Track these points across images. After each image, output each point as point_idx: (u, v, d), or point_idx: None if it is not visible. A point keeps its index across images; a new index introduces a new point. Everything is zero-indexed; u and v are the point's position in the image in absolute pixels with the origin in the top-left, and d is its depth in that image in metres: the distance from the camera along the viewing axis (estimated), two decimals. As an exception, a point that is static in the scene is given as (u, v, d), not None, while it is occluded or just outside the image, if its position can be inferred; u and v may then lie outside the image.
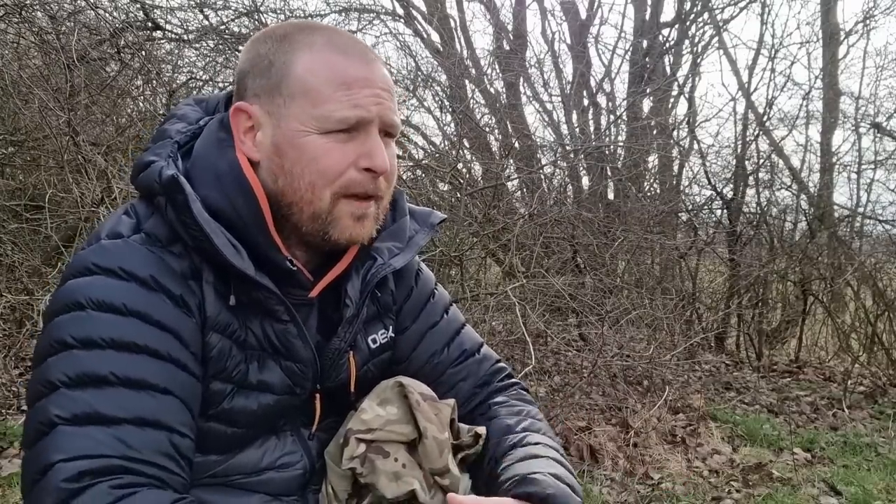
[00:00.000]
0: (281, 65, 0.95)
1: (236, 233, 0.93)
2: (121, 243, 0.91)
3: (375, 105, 0.94)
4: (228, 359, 0.95)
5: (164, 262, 0.91)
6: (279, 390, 1.00)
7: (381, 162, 0.94)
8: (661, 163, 7.30)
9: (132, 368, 0.85)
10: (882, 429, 4.31)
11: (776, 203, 7.03)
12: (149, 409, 0.84)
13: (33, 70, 4.00)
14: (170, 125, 1.03)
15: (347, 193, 0.95)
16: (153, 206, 0.95)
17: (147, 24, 4.74)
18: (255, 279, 0.92)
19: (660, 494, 3.15)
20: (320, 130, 0.93)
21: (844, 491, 3.28)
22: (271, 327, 0.98)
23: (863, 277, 5.88)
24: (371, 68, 0.96)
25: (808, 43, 7.26)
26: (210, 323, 0.93)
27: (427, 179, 5.19)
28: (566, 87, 7.59)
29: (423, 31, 7.48)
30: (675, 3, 7.68)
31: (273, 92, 0.95)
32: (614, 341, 4.27)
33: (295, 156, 0.94)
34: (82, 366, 0.83)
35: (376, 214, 1.00)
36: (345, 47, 0.96)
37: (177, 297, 0.90)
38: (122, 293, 0.87)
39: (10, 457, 3.09)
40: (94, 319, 0.86)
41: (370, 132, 0.95)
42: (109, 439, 0.81)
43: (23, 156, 4.27)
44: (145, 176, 0.95)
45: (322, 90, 0.93)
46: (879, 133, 6.73)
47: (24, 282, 3.56)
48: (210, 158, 0.97)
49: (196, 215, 0.89)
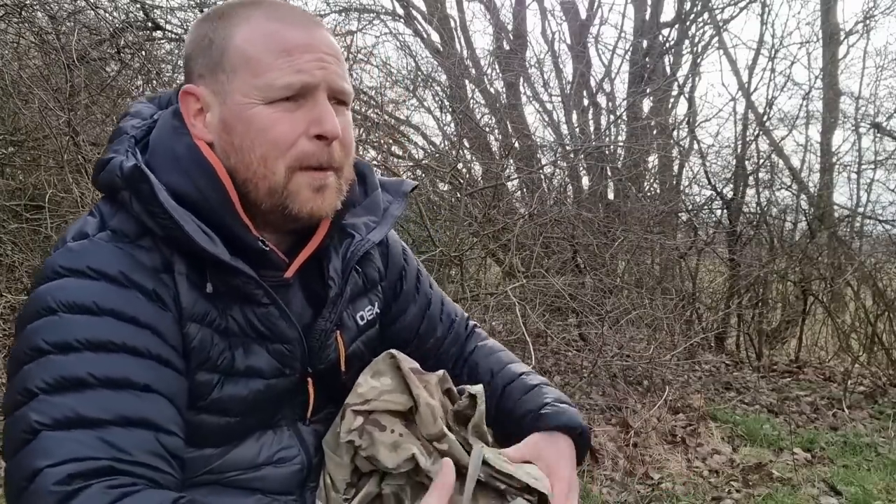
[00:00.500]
0: (221, 41, 0.94)
1: (203, 217, 0.91)
2: (86, 243, 0.90)
3: (319, 69, 0.92)
4: (211, 348, 0.93)
5: (134, 257, 0.89)
6: (268, 374, 0.98)
7: (331, 127, 0.92)
8: (661, 163, 7.29)
9: (111, 368, 0.83)
10: (882, 429, 4.31)
11: (776, 203, 7.04)
12: (132, 408, 0.82)
13: (33, 70, 4.00)
14: (124, 122, 1.02)
15: (302, 166, 0.93)
16: (117, 202, 0.93)
17: (147, 24, 4.74)
18: (230, 264, 0.90)
19: (660, 494, 3.15)
20: (265, 100, 0.91)
21: (844, 491, 3.28)
22: (252, 312, 0.96)
23: (863, 277, 5.88)
24: (312, 33, 0.94)
25: (808, 43, 7.26)
26: (186, 314, 0.91)
27: (427, 179, 5.18)
28: (566, 87, 7.59)
29: (423, 31, 7.48)
30: (675, 3, 7.69)
31: (216, 69, 0.94)
32: (614, 341, 4.27)
33: (243, 130, 0.92)
34: (60, 370, 0.81)
35: (338, 186, 0.97)
36: (283, 16, 0.94)
37: (150, 291, 0.88)
38: (93, 292, 0.85)
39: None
40: (67, 322, 0.83)
41: (318, 98, 0.92)
42: (95, 441, 0.79)
43: (23, 156, 4.27)
44: (106, 173, 0.93)
45: (262, 59, 0.91)
46: (879, 133, 6.73)
47: (24, 282, 3.56)
48: (167, 144, 0.95)
49: (164, 203, 0.87)
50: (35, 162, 4.19)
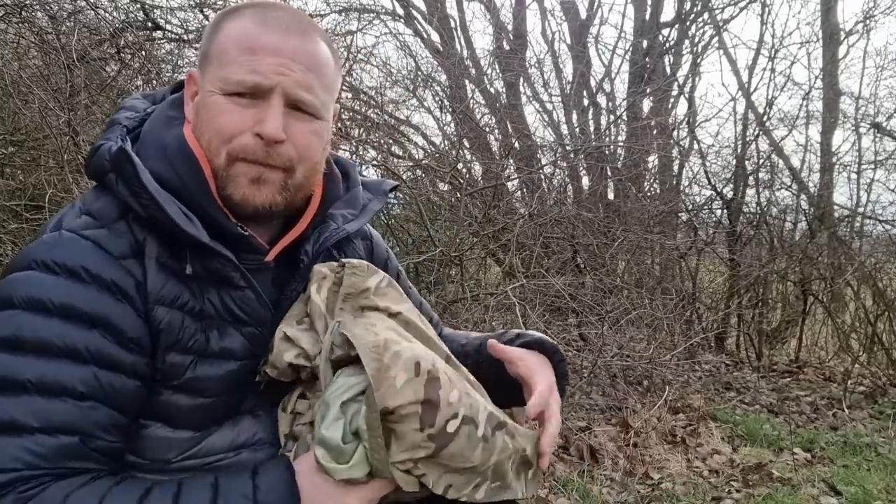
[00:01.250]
0: (214, 33, 1.01)
1: (184, 202, 0.94)
2: (56, 235, 0.92)
3: (277, 74, 0.95)
4: (181, 330, 0.95)
5: (99, 247, 0.92)
6: (241, 355, 1.01)
7: (269, 129, 0.94)
8: (661, 163, 7.29)
9: (50, 373, 0.85)
10: (882, 429, 4.32)
11: (776, 203, 7.04)
12: (62, 415, 0.84)
13: (33, 70, 4.00)
14: (118, 114, 1.06)
15: (240, 157, 0.96)
16: (103, 187, 0.98)
17: (147, 24, 4.74)
18: (209, 245, 0.93)
19: (660, 494, 3.15)
20: (222, 91, 0.96)
21: (844, 491, 3.28)
22: (229, 295, 0.99)
23: (863, 277, 5.88)
24: (287, 40, 0.97)
25: (808, 43, 7.27)
26: (153, 298, 0.93)
27: (427, 179, 5.19)
28: (566, 87, 7.59)
29: (423, 31, 7.47)
30: (675, 3, 7.69)
31: (204, 58, 1.02)
32: (614, 341, 4.27)
33: (203, 114, 0.98)
34: (4, 370, 0.84)
35: (282, 183, 0.99)
36: (268, 20, 0.98)
37: (109, 283, 0.90)
38: (50, 288, 0.87)
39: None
40: (20, 319, 0.86)
41: (270, 101, 0.96)
42: (20, 450, 0.81)
43: (23, 156, 4.27)
44: (96, 158, 0.97)
45: (230, 53, 0.97)
46: (879, 133, 6.73)
47: (24, 282, 3.56)
48: (157, 133, 1.01)
49: (146, 184, 0.92)
50: (35, 162, 4.19)
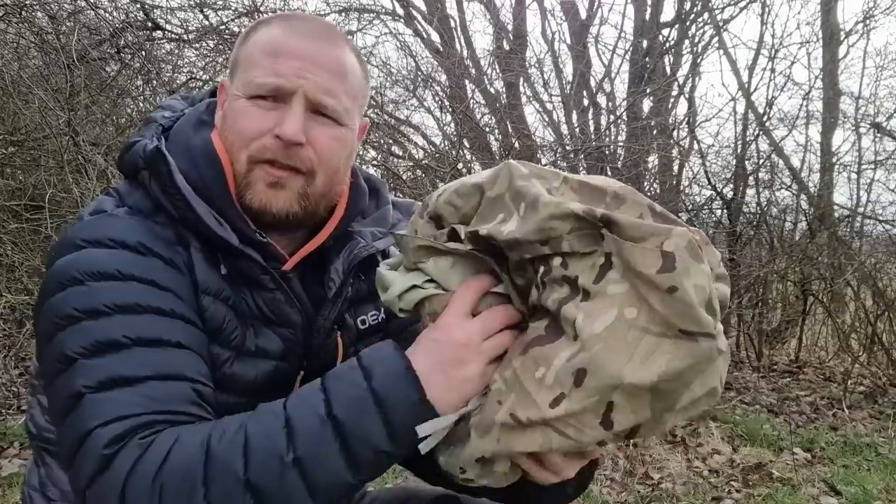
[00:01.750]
0: (243, 42, 1.02)
1: (210, 204, 0.96)
2: (104, 216, 0.94)
3: (299, 77, 0.95)
4: (225, 323, 0.96)
5: (151, 229, 0.94)
6: (276, 356, 1.01)
7: (287, 129, 0.94)
8: (661, 163, 7.29)
9: (142, 328, 0.86)
10: (882, 429, 4.31)
11: (776, 203, 7.03)
12: (167, 363, 0.85)
13: (33, 70, 4.00)
14: (156, 113, 1.08)
15: (260, 159, 0.96)
16: (136, 182, 0.99)
17: (147, 24, 4.74)
18: (238, 247, 0.95)
19: (660, 494, 3.15)
20: (246, 95, 0.97)
21: (844, 491, 3.28)
22: (261, 297, 1.00)
23: (863, 277, 5.88)
24: (312, 44, 0.97)
25: (808, 43, 7.24)
26: (201, 287, 0.94)
27: (427, 179, 5.19)
28: (566, 87, 7.59)
29: (423, 31, 7.48)
30: (675, 3, 7.68)
31: (233, 65, 1.03)
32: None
33: (228, 118, 1.00)
34: (94, 334, 0.84)
35: (302, 190, 0.99)
36: (296, 27, 0.99)
37: (167, 259, 0.92)
38: (115, 260, 0.89)
39: (10, 457, 3.09)
40: (94, 289, 0.87)
41: (292, 103, 0.96)
42: (137, 398, 0.82)
43: (23, 156, 4.27)
44: (130, 154, 0.99)
45: (255, 56, 0.98)
46: (879, 133, 6.73)
47: (24, 282, 3.56)
48: (185, 134, 1.02)
49: (179, 185, 0.93)
50: (35, 162, 4.20)
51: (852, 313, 6.12)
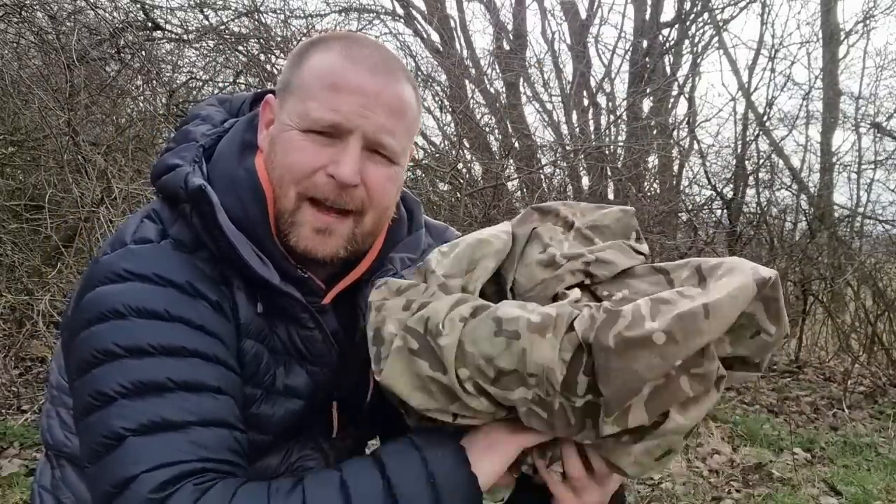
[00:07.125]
0: (299, 62, 0.96)
1: (248, 237, 0.92)
2: (152, 248, 0.91)
3: (359, 116, 0.91)
4: (262, 364, 0.95)
5: (198, 267, 0.91)
6: (305, 394, 1.00)
7: (344, 172, 0.90)
8: (661, 163, 7.29)
9: (187, 372, 0.84)
10: (882, 429, 4.31)
11: (776, 203, 7.03)
12: (211, 409, 0.84)
13: (33, 70, 4.01)
14: (193, 126, 1.02)
15: (309, 196, 0.92)
16: (177, 211, 0.94)
17: (147, 24, 4.74)
18: (280, 288, 0.92)
19: (660, 494, 3.15)
20: (300, 127, 0.92)
21: (844, 491, 3.28)
22: (297, 333, 0.98)
23: (863, 277, 5.88)
24: (373, 80, 0.92)
25: (808, 43, 7.25)
26: (244, 329, 0.93)
27: (427, 179, 5.19)
28: (566, 87, 7.59)
29: (423, 31, 7.49)
30: (675, 3, 7.69)
31: (286, 87, 0.96)
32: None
33: (278, 149, 0.94)
34: (137, 374, 0.82)
35: (350, 234, 0.95)
36: (355, 56, 0.93)
37: (214, 302, 0.90)
38: (163, 299, 0.86)
39: (10, 457, 3.09)
40: (139, 326, 0.84)
41: (349, 141, 0.91)
42: (184, 444, 0.80)
43: (23, 156, 4.27)
44: (170, 180, 0.93)
45: (312, 88, 0.92)
46: (879, 133, 6.73)
47: (24, 282, 3.56)
48: (230, 162, 0.97)
49: (223, 225, 0.89)
50: (35, 162, 4.20)
51: (852, 313, 6.12)
